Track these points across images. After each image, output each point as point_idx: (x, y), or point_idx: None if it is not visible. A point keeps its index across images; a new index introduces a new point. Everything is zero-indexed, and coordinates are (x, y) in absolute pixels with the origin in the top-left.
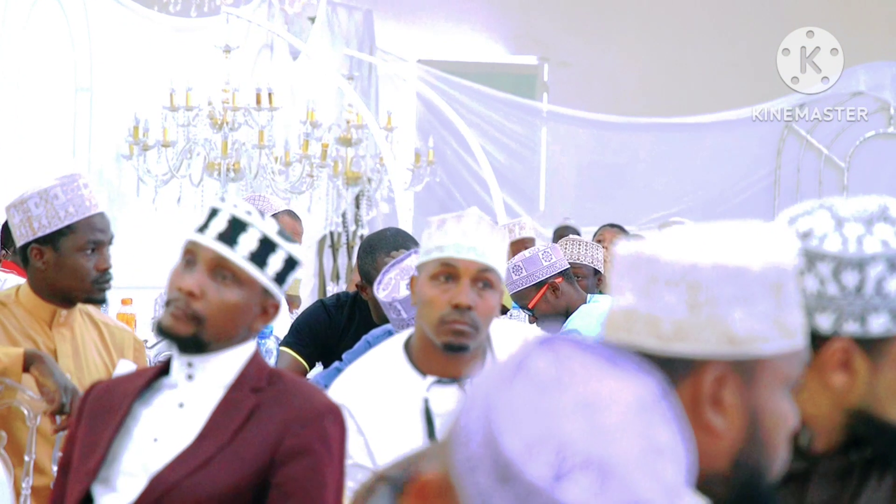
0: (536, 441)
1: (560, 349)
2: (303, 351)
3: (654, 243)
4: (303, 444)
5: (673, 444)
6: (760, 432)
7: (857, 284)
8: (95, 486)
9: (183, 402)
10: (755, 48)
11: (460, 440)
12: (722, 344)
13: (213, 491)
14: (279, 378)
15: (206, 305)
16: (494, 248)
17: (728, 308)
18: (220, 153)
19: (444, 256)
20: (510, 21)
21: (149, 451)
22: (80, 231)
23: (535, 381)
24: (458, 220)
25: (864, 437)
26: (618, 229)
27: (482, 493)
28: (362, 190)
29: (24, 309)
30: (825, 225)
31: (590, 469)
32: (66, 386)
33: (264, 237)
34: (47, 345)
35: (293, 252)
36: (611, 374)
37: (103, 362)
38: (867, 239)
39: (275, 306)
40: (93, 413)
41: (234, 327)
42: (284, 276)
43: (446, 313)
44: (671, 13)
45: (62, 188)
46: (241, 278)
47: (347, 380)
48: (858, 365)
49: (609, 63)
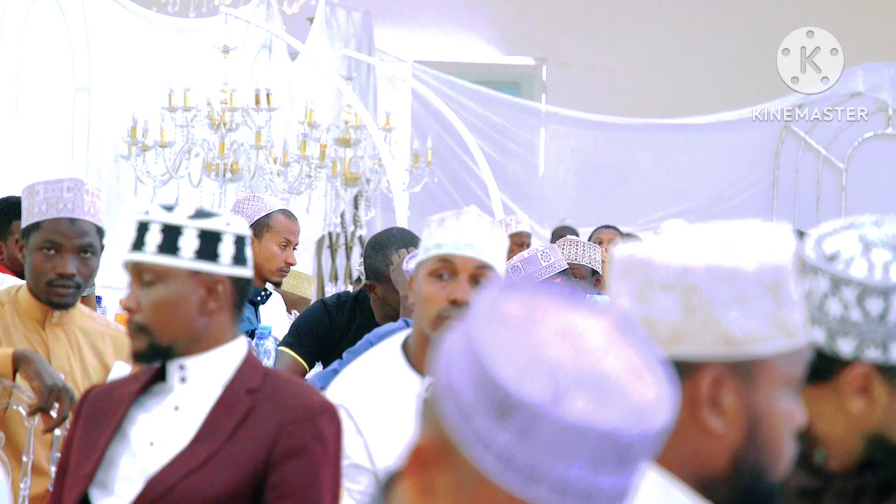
0: (528, 369)
1: (523, 291)
2: (302, 351)
3: (647, 247)
4: (298, 444)
5: (651, 364)
6: (761, 433)
7: (881, 312)
8: (93, 490)
9: (178, 405)
10: (754, 49)
11: (449, 396)
12: (718, 345)
13: (210, 493)
14: (274, 378)
15: (143, 314)
16: (493, 245)
17: (723, 309)
18: (218, 154)
19: (443, 253)
20: (508, 22)
21: (145, 455)
22: (43, 230)
23: (509, 320)
24: (457, 218)
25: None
26: (613, 230)
27: (483, 437)
28: (361, 190)
29: (20, 308)
30: (852, 248)
31: (584, 386)
32: (52, 387)
33: (165, 226)
34: (41, 345)
35: (205, 226)
36: (576, 308)
37: (101, 365)
38: (894, 267)
39: (220, 281)
40: (89, 416)
41: (180, 321)
42: (212, 249)
43: (444, 309)
44: (669, 14)
45: (47, 186)
46: (159, 273)
47: (346, 380)
48: (878, 391)
49: (607, 64)
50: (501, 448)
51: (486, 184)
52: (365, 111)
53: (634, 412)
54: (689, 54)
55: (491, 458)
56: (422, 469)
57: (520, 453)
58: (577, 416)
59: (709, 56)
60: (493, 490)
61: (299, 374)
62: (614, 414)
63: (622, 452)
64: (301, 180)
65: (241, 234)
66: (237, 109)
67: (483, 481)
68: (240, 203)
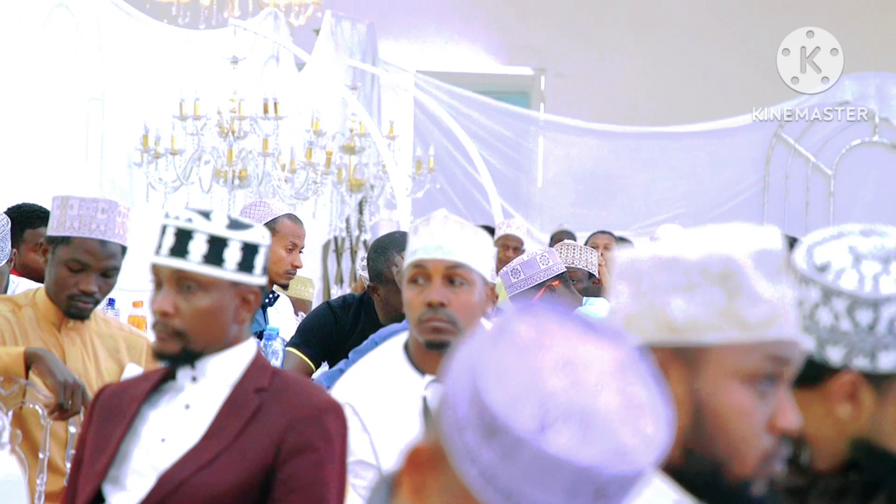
0: (520, 395)
1: (540, 315)
2: (309, 351)
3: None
4: (305, 441)
5: (652, 402)
6: (707, 423)
7: (871, 323)
8: (106, 485)
9: (189, 403)
10: (747, 60)
11: (448, 406)
12: (662, 331)
13: (220, 488)
14: (281, 378)
15: (182, 320)
16: (463, 245)
17: (665, 296)
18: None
19: (415, 259)
20: (508, 33)
21: (157, 451)
22: (73, 247)
23: (516, 343)
24: (427, 224)
25: (863, 463)
26: (609, 235)
27: (470, 451)
28: (365, 196)
29: (38, 311)
30: (843, 259)
31: (572, 420)
32: (64, 382)
33: (211, 237)
34: (56, 347)
35: (248, 238)
36: (589, 338)
37: (118, 366)
38: (883, 279)
39: (253, 293)
40: (103, 414)
41: (217, 329)
42: (250, 261)
43: (422, 312)
44: (665, 25)
45: (82, 202)
46: (203, 283)
47: (352, 379)
48: (865, 398)
49: (604, 73)
50: (485, 466)
51: (487, 190)
52: (369, 120)
53: (616, 452)
54: (682, 65)
55: (476, 473)
56: (416, 470)
57: (501, 474)
58: (557, 449)
59: (702, 67)
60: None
61: (306, 373)
62: (595, 452)
63: (599, 489)
64: (307, 186)
65: (269, 245)
66: (246, 118)
67: (467, 493)
68: (247, 208)
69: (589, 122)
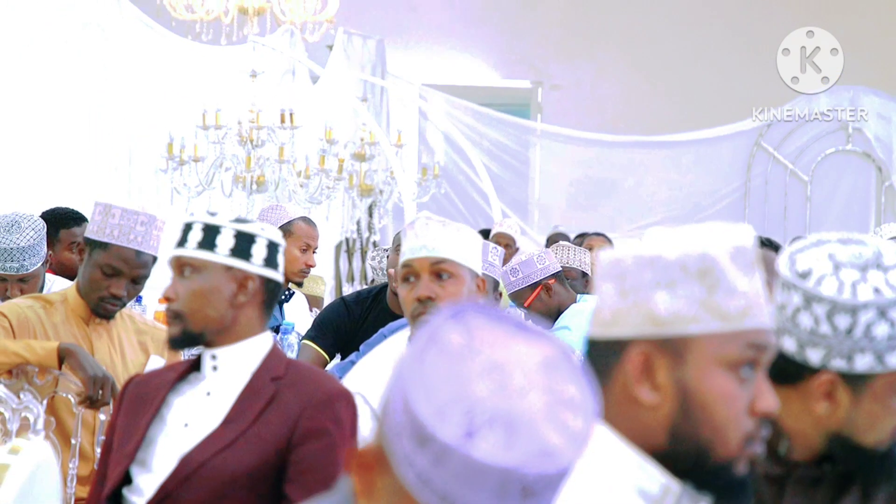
0: (447, 404)
1: (470, 320)
2: (323, 343)
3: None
4: (317, 426)
5: (579, 396)
6: (693, 408)
7: (848, 327)
8: (134, 467)
9: (210, 390)
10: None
11: (387, 412)
12: (646, 325)
13: (238, 469)
14: (296, 368)
15: (179, 302)
16: (446, 241)
17: (649, 292)
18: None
19: (404, 259)
20: (507, 48)
21: (180, 435)
22: (110, 253)
23: (446, 351)
24: (412, 226)
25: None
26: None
27: (407, 456)
28: (374, 200)
29: (68, 307)
30: (823, 267)
31: (497, 425)
32: (95, 376)
33: (206, 225)
34: (85, 340)
35: (242, 228)
36: (519, 339)
37: (141, 358)
38: (861, 286)
39: (250, 278)
40: (131, 402)
41: (210, 308)
42: (245, 249)
43: (414, 307)
44: (652, 43)
45: (124, 212)
46: (196, 266)
47: (362, 370)
48: (841, 396)
49: (596, 86)
50: (420, 470)
51: (487, 194)
52: (378, 129)
53: (541, 454)
54: (670, 78)
55: (413, 475)
56: (365, 470)
57: (435, 477)
58: (483, 455)
59: (688, 79)
60: (415, 503)
61: (321, 364)
62: (519, 454)
63: (526, 488)
64: (321, 191)
65: (275, 241)
66: (263, 128)
67: (408, 494)
68: (264, 212)
69: (582, 131)
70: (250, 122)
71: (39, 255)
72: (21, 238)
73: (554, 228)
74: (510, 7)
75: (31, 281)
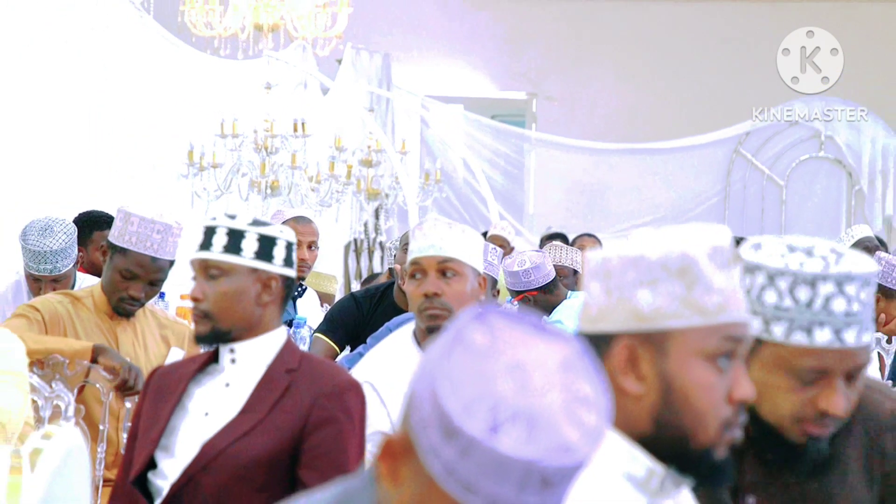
0: (473, 401)
1: (493, 321)
2: (334, 336)
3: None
4: (329, 415)
5: (594, 395)
6: (675, 397)
7: (808, 300)
8: (158, 452)
9: (229, 382)
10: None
11: (414, 404)
12: (631, 321)
13: (255, 455)
14: (308, 360)
15: (208, 303)
16: (452, 242)
17: (633, 290)
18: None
19: (412, 258)
20: (504, 63)
21: (201, 423)
22: (128, 258)
23: (471, 350)
24: (420, 227)
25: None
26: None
27: (434, 447)
28: (381, 204)
29: (95, 304)
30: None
31: (519, 421)
32: (129, 366)
33: (230, 230)
34: (110, 333)
35: (264, 231)
36: (539, 340)
37: (162, 350)
38: (815, 261)
39: (273, 279)
40: (155, 392)
41: (239, 309)
42: (268, 252)
43: (421, 303)
44: (640, 59)
45: (141, 220)
46: (224, 269)
47: (370, 362)
48: None
49: (587, 98)
50: (446, 461)
51: (486, 198)
52: (384, 137)
53: (559, 448)
54: (655, 89)
55: (439, 466)
56: (391, 458)
57: (460, 468)
58: (506, 448)
59: (672, 90)
60: (440, 492)
61: (332, 356)
62: (540, 448)
63: (545, 479)
64: (331, 195)
65: (292, 241)
66: (277, 136)
67: (434, 483)
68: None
69: (574, 139)
70: (265, 131)
71: (71, 257)
72: (54, 242)
73: (547, 229)
74: (507, 24)
75: (63, 281)
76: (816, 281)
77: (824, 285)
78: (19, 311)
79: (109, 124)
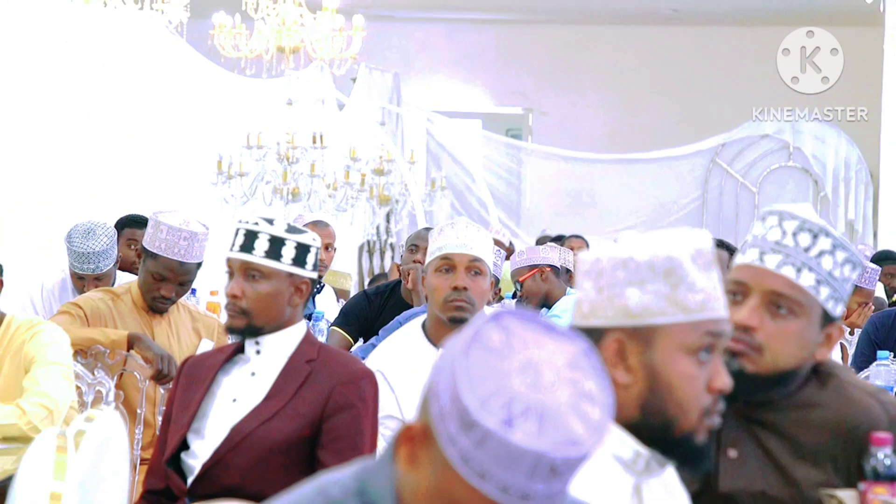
0: (489, 397)
1: (507, 322)
2: (349, 329)
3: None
4: (345, 401)
5: (598, 391)
6: (660, 386)
7: None
8: (190, 435)
9: (254, 371)
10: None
11: (434, 396)
12: (620, 317)
13: (278, 438)
14: (326, 351)
15: (247, 301)
16: (481, 244)
17: (622, 289)
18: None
19: (443, 253)
20: (503, 81)
21: (229, 409)
22: (158, 262)
23: (488, 348)
24: (453, 226)
25: None
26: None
27: (451, 437)
28: (391, 209)
29: (132, 299)
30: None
31: (530, 415)
32: (162, 355)
33: (272, 237)
34: (147, 326)
35: (301, 240)
36: (549, 339)
37: (194, 341)
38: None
39: (305, 283)
40: (187, 380)
41: (275, 310)
42: (303, 258)
43: (448, 294)
44: (626, 78)
45: (170, 229)
46: (265, 272)
47: (381, 352)
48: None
49: (578, 113)
50: (462, 449)
51: (486, 203)
52: (394, 148)
53: (567, 441)
54: (640, 105)
55: (455, 453)
56: (410, 443)
57: (475, 457)
58: (519, 440)
59: (655, 107)
60: (456, 476)
61: (347, 347)
62: (549, 441)
63: (553, 469)
64: (346, 201)
65: (318, 248)
66: (298, 147)
67: (449, 468)
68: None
69: (567, 150)
70: (287, 143)
71: (112, 257)
72: (96, 243)
73: (542, 232)
74: (505, 45)
75: (104, 279)
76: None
77: (770, 217)
78: (63, 309)
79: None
